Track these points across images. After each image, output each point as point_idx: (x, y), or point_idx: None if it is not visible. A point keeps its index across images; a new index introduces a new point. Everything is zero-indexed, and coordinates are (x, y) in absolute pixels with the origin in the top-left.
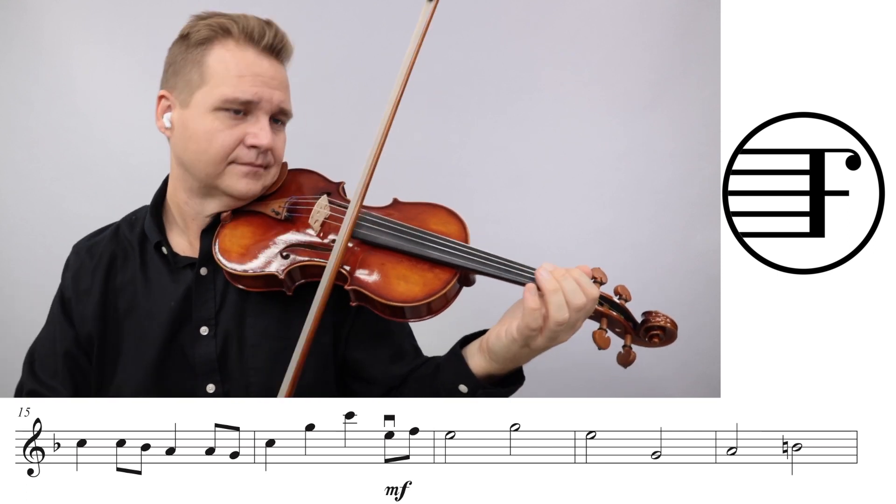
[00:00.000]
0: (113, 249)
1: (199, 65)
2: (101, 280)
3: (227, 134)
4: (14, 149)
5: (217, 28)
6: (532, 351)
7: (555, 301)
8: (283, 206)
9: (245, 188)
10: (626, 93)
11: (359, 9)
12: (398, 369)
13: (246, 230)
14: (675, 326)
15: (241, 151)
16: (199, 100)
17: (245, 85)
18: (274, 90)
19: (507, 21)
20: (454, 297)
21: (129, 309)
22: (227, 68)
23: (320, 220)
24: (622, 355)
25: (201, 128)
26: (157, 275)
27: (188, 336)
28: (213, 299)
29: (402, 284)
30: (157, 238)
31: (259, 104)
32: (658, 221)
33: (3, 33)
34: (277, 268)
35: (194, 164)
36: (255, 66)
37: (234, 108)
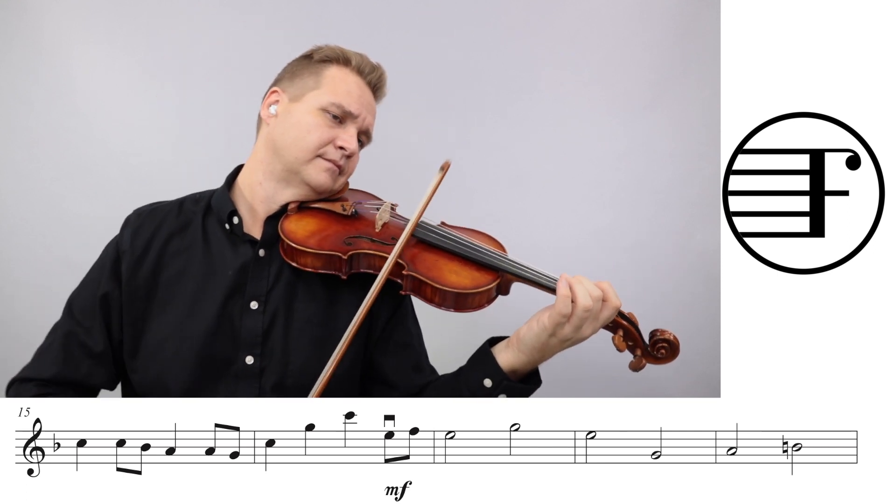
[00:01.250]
0: (175, 218)
1: (317, 74)
2: (160, 242)
3: (324, 131)
4: (14, 149)
5: (340, 53)
6: (559, 342)
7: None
8: (351, 205)
9: (324, 181)
10: (626, 93)
11: (359, 9)
12: (419, 379)
13: (311, 220)
14: (678, 341)
15: (329, 149)
16: (311, 98)
17: (351, 97)
18: (368, 114)
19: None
20: (493, 299)
21: (182, 272)
22: (339, 83)
23: (383, 221)
24: (634, 362)
25: (305, 120)
26: (217, 244)
27: (237, 307)
28: (267, 279)
29: (453, 276)
30: (230, 208)
31: (355, 118)
32: (658, 221)
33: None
34: (342, 250)
35: (288, 149)
36: (360, 90)
37: (336, 113)
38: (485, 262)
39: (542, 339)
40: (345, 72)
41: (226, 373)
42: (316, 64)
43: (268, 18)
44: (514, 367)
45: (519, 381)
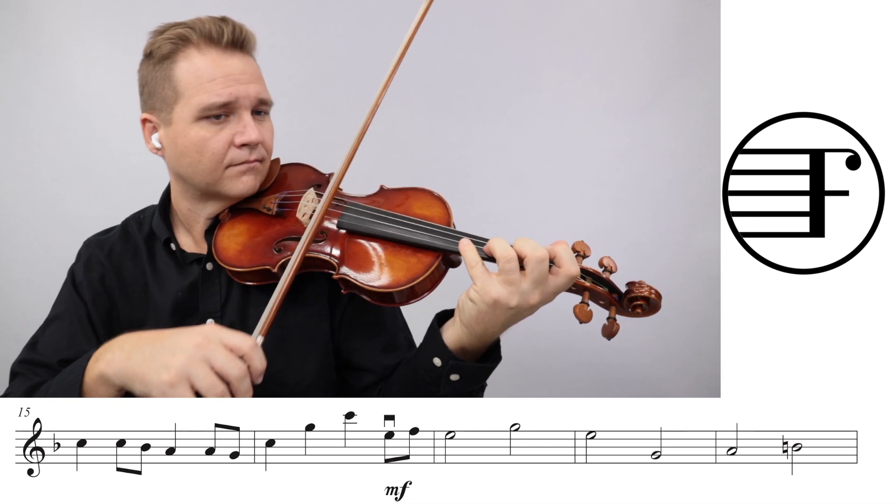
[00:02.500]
0: (122, 246)
1: (169, 80)
2: (112, 272)
3: (215, 140)
4: (14, 149)
5: (176, 39)
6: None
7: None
8: (274, 201)
9: (244, 187)
10: (626, 93)
11: (359, 9)
12: (389, 360)
13: (242, 227)
14: (659, 297)
15: (233, 153)
16: (180, 114)
17: (218, 88)
18: (248, 84)
19: (507, 21)
20: (440, 278)
21: (141, 302)
22: (197, 76)
23: (308, 213)
24: (606, 327)
25: (189, 141)
26: (165, 269)
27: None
28: (219, 293)
29: (386, 270)
30: (167, 235)
31: (237, 102)
32: (658, 221)
33: (3, 33)
34: (271, 261)
35: (193, 176)
36: (223, 66)
37: (214, 113)
38: (420, 243)
39: (482, 309)
40: (193, 57)
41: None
42: (161, 66)
43: (268, 18)
44: (461, 344)
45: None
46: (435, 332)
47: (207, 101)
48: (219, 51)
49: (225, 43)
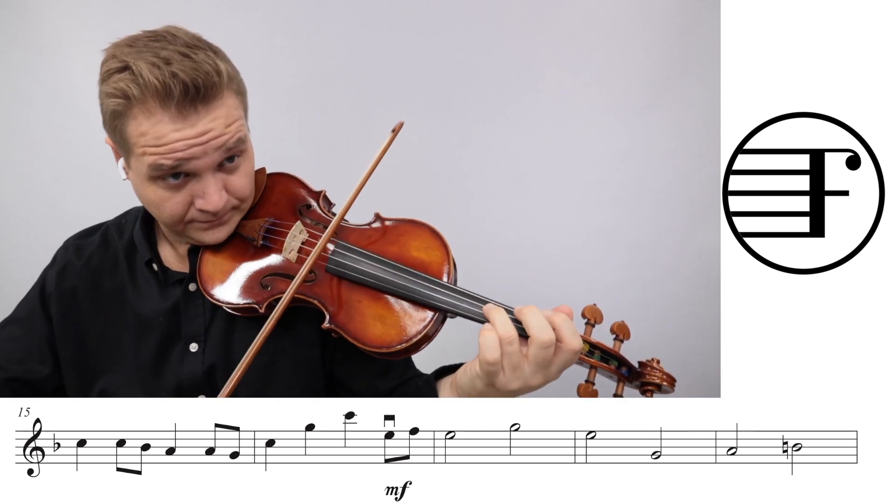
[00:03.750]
0: (102, 255)
1: (120, 133)
2: (87, 283)
3: (173, 202)
4: (14, 149)
5: (121, 96)
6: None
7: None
8: (260, 231)
9: (213, 238)
10: (626, 93)
11: (359, 9)
12: (384, 384)
13: (227, 254)
14: (672, 384)
15: (194, 213)
16: (135, 166)
17: (168, 152)
18: (208, 142)
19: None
20: (435, 334)
21: (117, 317)
22: (144, 139)
23: (295, 248)
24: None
25: (147, 196)
26: (146, 286)
27: (176, 352)
28: (203, 315)
29: (378, 326)
30: (148, 256)
31: (193, 165)
32: (658, 221)
33: (3, 33)
34: (257, 299)
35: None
36: (172, 133)
37: (168, 174)
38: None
39: (479, 387)
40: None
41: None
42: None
43: (268, 18)
44: None
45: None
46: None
47: (155, 163)
48: (170, 114)
49: (177, 102)
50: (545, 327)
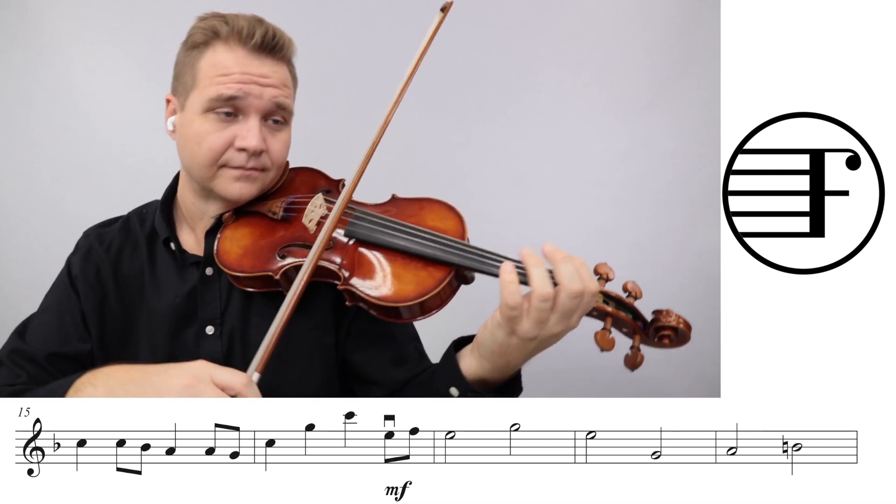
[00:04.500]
0: (122, 241)
1: (192, 67)
2: (109, 266)
3: (216, 136)
4: (14, 149)
5: (209, 31)
6: (521, 342)
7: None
8: (280, 206)
9: (237, 192)
10: (626, 93)
11: (359, 9)
12: (400, 374)
13: (246, 231)
14: (689, 328)
15: (231, 155)
16: (192, 102)
17: (230, 82)
18: (265, 87)
19: (507, 21)
20: (451, 295)
21: (135, 301)
22: (215, 68)
23: (315, 219)
24: (629, 357)
25: (193, 130)
26: (164, 270)
27: (193, 335)
28: (219, 299)
29: (394, 283)
30: (166, 234)
31: (247, 101)
32: (658, 221)
33: (3, 33)
34: (274, 268)
35: (190, 168)
36: (244, 65)
37: (221, 108)
38: (432, 257)
39: (500, 338)
40: (219, 51)
41: None
42: (191, 54)
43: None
44: (480, 376)
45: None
46: (452, 361)
47: (216, 93)
48: (245, 51)
49: (253, 45)
50: (575, 276)
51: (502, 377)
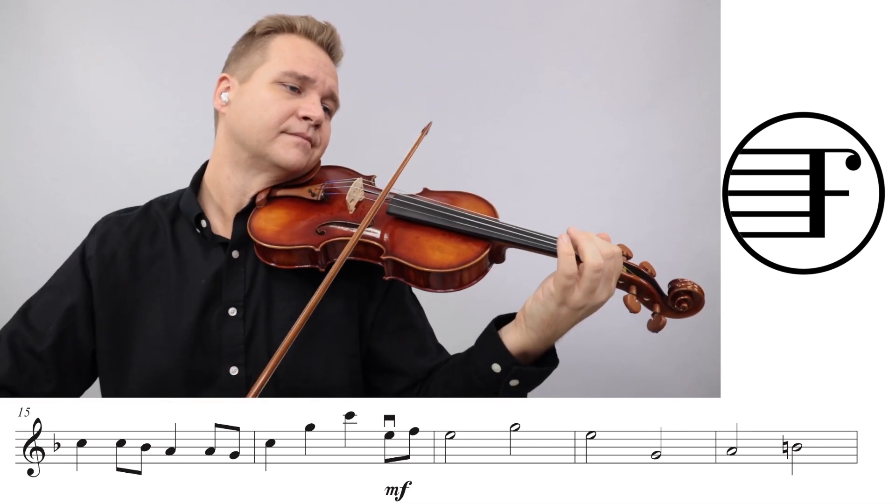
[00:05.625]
0: (142, 225)
1: (262, 48)
2: (126, 249)
3: (282, 103)
4: (14, 149)
5: (282, 21)
6: (570, 311)
7: (588, 248)
8: (320, 188)
9: (294, 158)
10: (626, 93)
11: (359, 9)
12: (424, 362)
13: (281, 212)
14: (702, 292)
15: (293, 122)
16: (260, 74)
17: (303, 63)
18: (328, 76)
19: (507, 21)
20: (485, 271)
21: (155, 282)
22: (289, 50)
23: (356, 200)
24: (652, 321)
25: (258, 97)
26: (189, 250)
27: (216, 316)
28: (243, 282)
29: (436, 253)
30: (198, 211)
31: (314, 82)
32: (658, 221)
33: (3, 33)
34: (314, 241)
35: (247, 132)
36: (313, 53)
37: (291, 83)
38: (471, 232)
39: (551, 308)
40: (291, 39)
41: (211, 387)
42: (260, 38)
43: None
44: (524, 348)
45: (532, 363)
46: (494, 337)
47: (291, 69)
48: (313, 44)
49: (320, 41)
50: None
51: (545, 348)
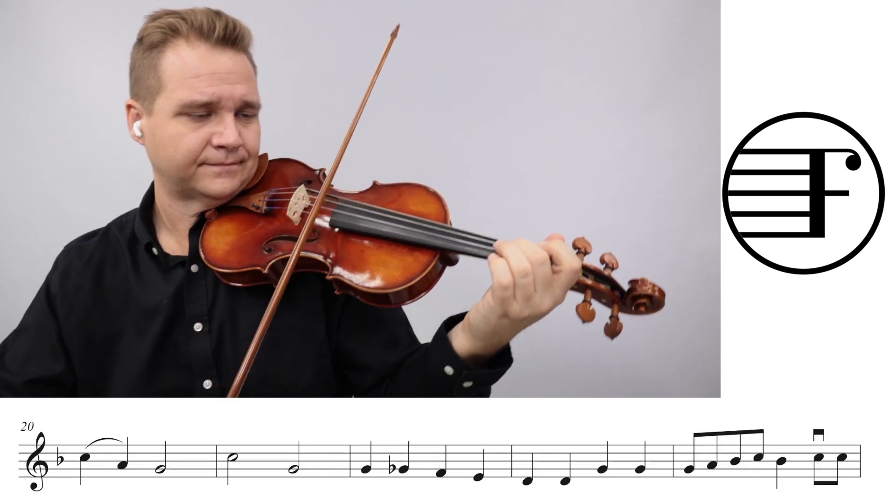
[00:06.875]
0: (103, 252)
1: (154, 69)
2: (90, 280)
3: (191, 137)
4: (14, 149)
5: (167, 29)
6: (513, 322)
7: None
8: (263, 199)
9: (220, 188)
10: (626, 93)
11: (359, 9)
12: (392, 357)
13: (230, 226)
14: (663, 294)
15: (209, 152)
16: (161, 106)
17: (202, 86)
18: (234, 84)
19: (507, 21)
20: (437, 278)
21: (120, 309)
22: (182, 70)
23: (299, 211)
24: (609, 326)
25: (166, 134)
26: (149, 274)
27: (182, 333)
28: (206, 296)
29: (381, 270)
30: (148, 239)
31: (220, 103)
32: (658, 221)
33: (3, 33)
34: (261, 262)
35: (167, 170)
36: (210, 63)
37: (194, 111)
38: (417, 242)
39: (493, 321)
40: (181, 49)
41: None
42: (150, 54)
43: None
44: (472, 353)
45: (485, 364)
46: (444, 341)
47: (188, 98)
48: (208, 46)
49: (216, 38)
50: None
51: (494, 351)
